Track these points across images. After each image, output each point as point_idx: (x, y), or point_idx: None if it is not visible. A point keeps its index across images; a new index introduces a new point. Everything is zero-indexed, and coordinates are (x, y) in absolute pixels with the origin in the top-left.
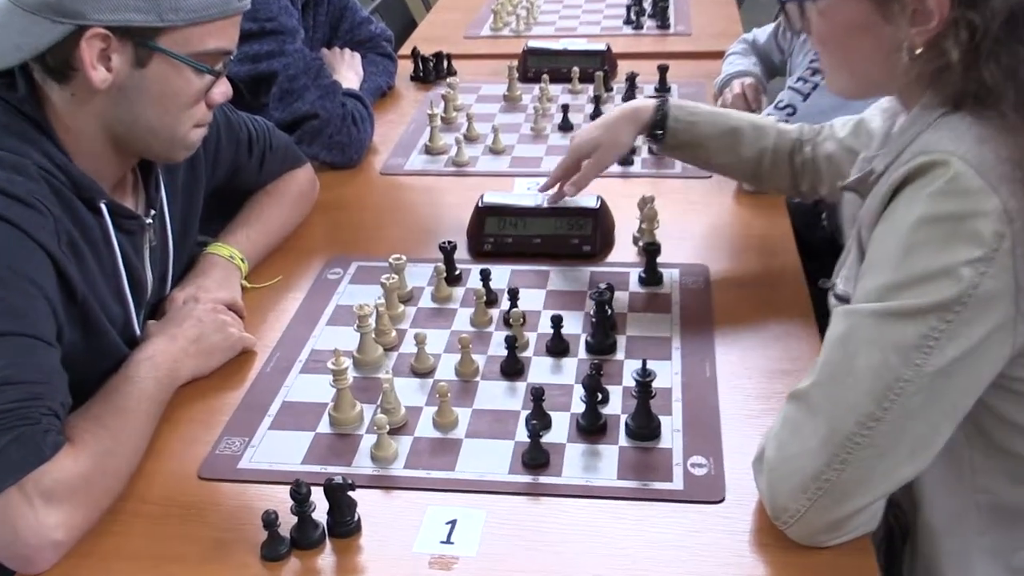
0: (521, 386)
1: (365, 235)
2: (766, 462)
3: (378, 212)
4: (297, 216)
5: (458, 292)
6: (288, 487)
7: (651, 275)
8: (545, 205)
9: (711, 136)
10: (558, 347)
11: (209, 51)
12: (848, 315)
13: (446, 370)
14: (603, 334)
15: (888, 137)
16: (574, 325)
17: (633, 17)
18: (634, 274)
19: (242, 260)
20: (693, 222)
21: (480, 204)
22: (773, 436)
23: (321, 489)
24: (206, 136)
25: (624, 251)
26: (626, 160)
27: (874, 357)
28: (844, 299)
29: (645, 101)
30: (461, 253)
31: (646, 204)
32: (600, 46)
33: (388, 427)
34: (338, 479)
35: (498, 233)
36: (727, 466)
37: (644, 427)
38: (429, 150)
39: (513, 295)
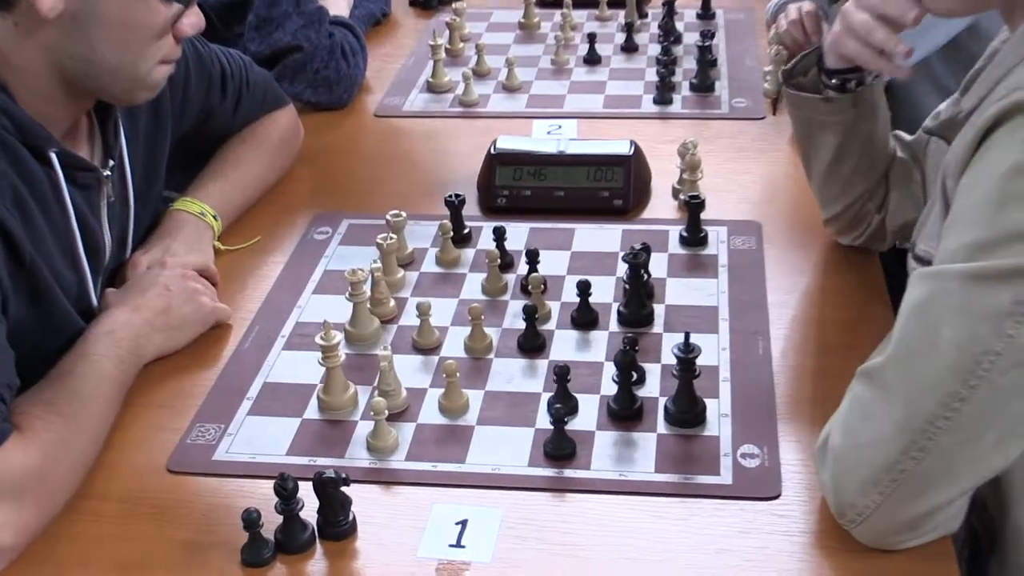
0: (542, 364)
1: (357, 188)
2: (831, 451)
3: (372, 161)
4: (278, 166)
5: (467, 254)
6: (272, 482)
7: (694, 234)
8: (569, 151)
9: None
10: (585, 318)
11: None
12: (929, 278)
13: (454, 346)
14: (638, 303)
15: (981, 73)
16: (604, 293)
17: None
18: (674, 233)
19: (214, 218)
20: (743, 172)
21: (492, 151)
22: (840, 421)
23: (310, 484)
24: (173, 74)
25: (662, 206)
26: (664, 97)
27: (959, 327)
28: (925, 260)
29: None
30: (471, 208)
31: (688, 151)
32: None
33: (387, 412)
34: (329, 472)
35: (514, 185)
36: (783, 457)
37: (686, 412)
38: (432, 88)
39: (532, 257)
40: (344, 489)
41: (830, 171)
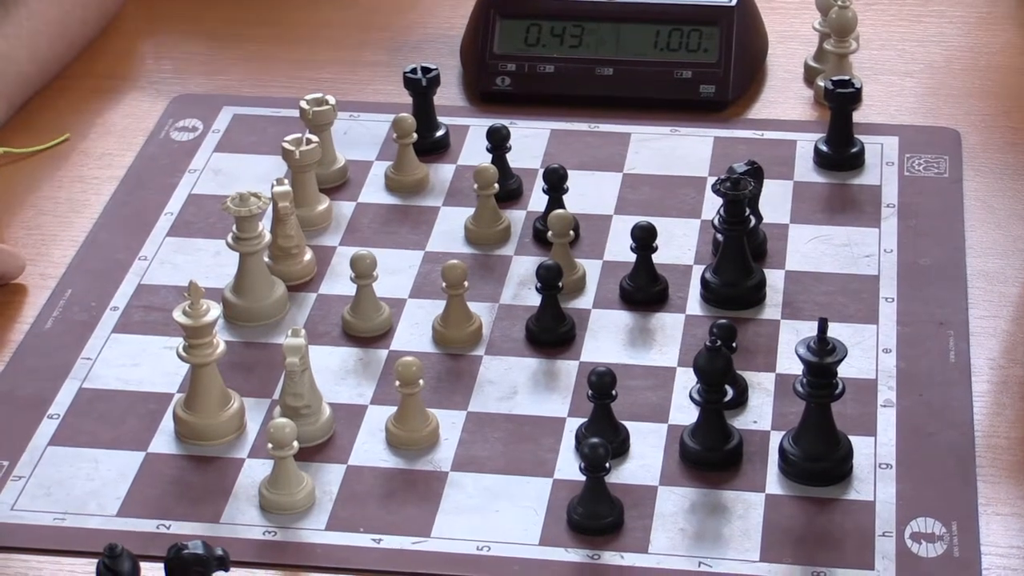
0: (568, 368)
1: (249, 51)
2: None
3: (268, 5)
4: (97, 16)
5: (442, 172)
6: (92, 561)
7: (841, 149)
8: None
9: None
10: (646, 290)
11: None
12: None
13: (414, 333)
14: (738, 266)
15: None
16: (681, 245)
17: None
18: (806, 146)
19: None
20: (931, 39)
21: None
22: None
23: (161, 567)
24: None
25: (785, 98)
26: None
27: None
28: None
29: None
30: (450, 93)
31: (833, 3)
32: None
33: (296, 445)
34: (194, 547)
35: (525, 54)
36: (985, 540)
37: (819, 455)
38: None
39: (554, 182)
40: (219, 575)
41: None
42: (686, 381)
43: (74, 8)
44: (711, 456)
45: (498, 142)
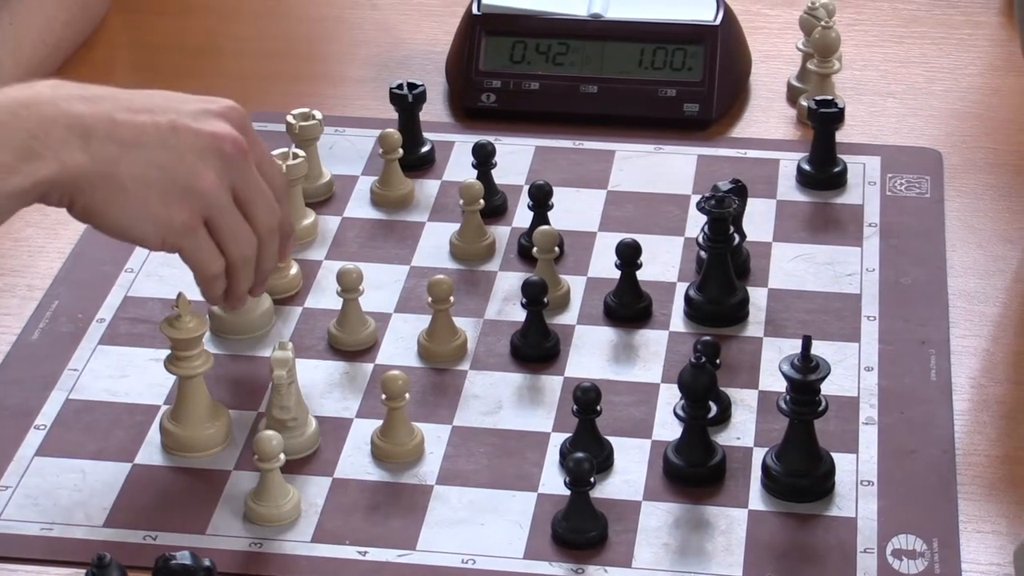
0: (553, 383)
1: (235, 66)
2: None
3: (260, 19)
4: (81, 23)
5: (427, 187)
6: (80, 571)
7: (824, 168)
8: (610, 15)
9: None
10: (630, 306)
11: None
12: None
13: (400, 347)
14: (722, 282)
15: None
16: (664, 263)
17: None
18: (789, 163)
19: None
20: (913, 61)
21: (475, 9)
22: None
23: None
24: None
25: (768, 117)
26: None
27: None
28: None
29: None
30: (436, 110)
31: (818, 19)
32: None
33: (283, 457)
34: (181, 557)
35: (511, 71)
36: (967, 558)
37: (801, 472)
38: None
39: (540, 199)
40: None
41: None
42: (670, 397)
43: (58, 12)
44: (695, 472)
45: (483, 158)
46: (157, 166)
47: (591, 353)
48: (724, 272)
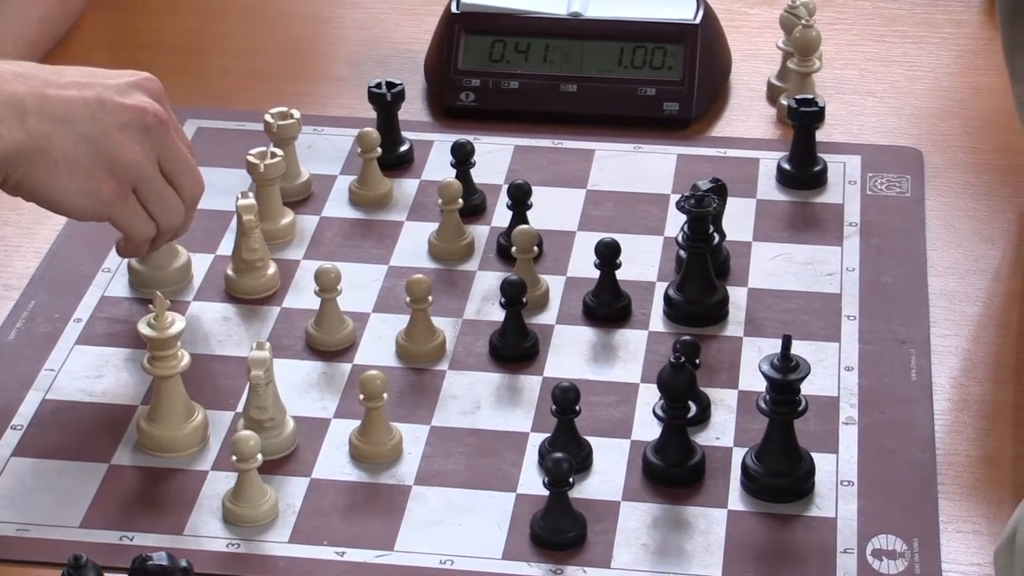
0: (532, 383)
1: (213, 64)
2: (1018, 553)
3: (238, 16)
4: (59, 19)
5: (406, 187)
6: (56, 571)
7: (804, 167)
8: (589, 14)
9: None
10: (609, 306)
11: None
12: None
13: (378, 347)
14: (702, 282)
15: None
16: (644, 262)
17: None
18: (769, 162)
19: None
20: (894, 60)
21: (454, 7)
22: None
23: None
24: None
25: (748, 116)
26: None
27: None
28: None
29: None
30: (414, 108)
31: (798, 18)
32: None
33: (260, 458)
34: (158, 558)
35: (490, 70)
36: (947, 558)
37: (781, 472)
38: None
39: (519, 198)
40: None
41: None
42: (649, 397)
43: (33, 7)
44: (674, 472)
45: (462, 157)
46: (86, 140)
47: (570, 353)
48: (704, 272)
